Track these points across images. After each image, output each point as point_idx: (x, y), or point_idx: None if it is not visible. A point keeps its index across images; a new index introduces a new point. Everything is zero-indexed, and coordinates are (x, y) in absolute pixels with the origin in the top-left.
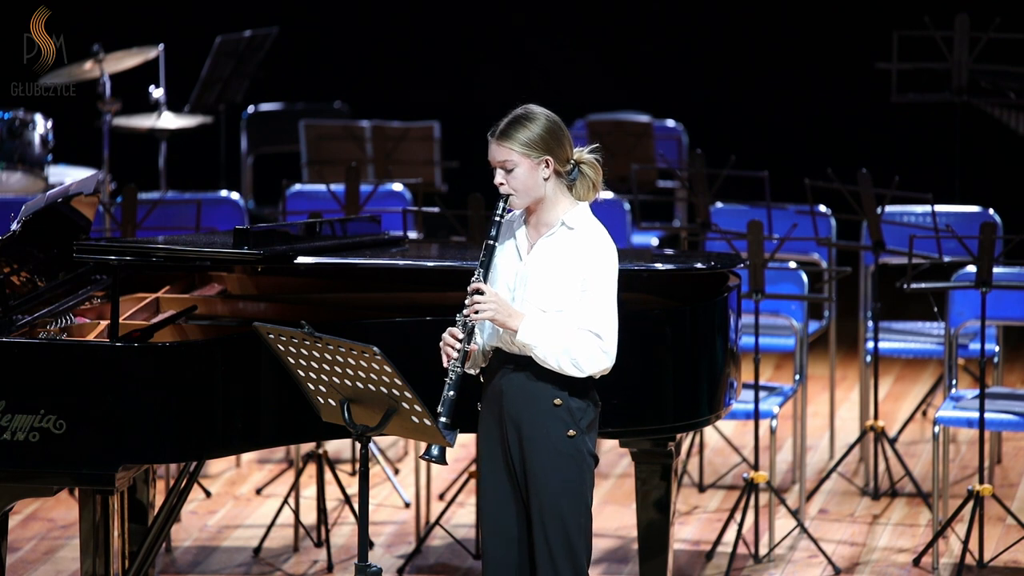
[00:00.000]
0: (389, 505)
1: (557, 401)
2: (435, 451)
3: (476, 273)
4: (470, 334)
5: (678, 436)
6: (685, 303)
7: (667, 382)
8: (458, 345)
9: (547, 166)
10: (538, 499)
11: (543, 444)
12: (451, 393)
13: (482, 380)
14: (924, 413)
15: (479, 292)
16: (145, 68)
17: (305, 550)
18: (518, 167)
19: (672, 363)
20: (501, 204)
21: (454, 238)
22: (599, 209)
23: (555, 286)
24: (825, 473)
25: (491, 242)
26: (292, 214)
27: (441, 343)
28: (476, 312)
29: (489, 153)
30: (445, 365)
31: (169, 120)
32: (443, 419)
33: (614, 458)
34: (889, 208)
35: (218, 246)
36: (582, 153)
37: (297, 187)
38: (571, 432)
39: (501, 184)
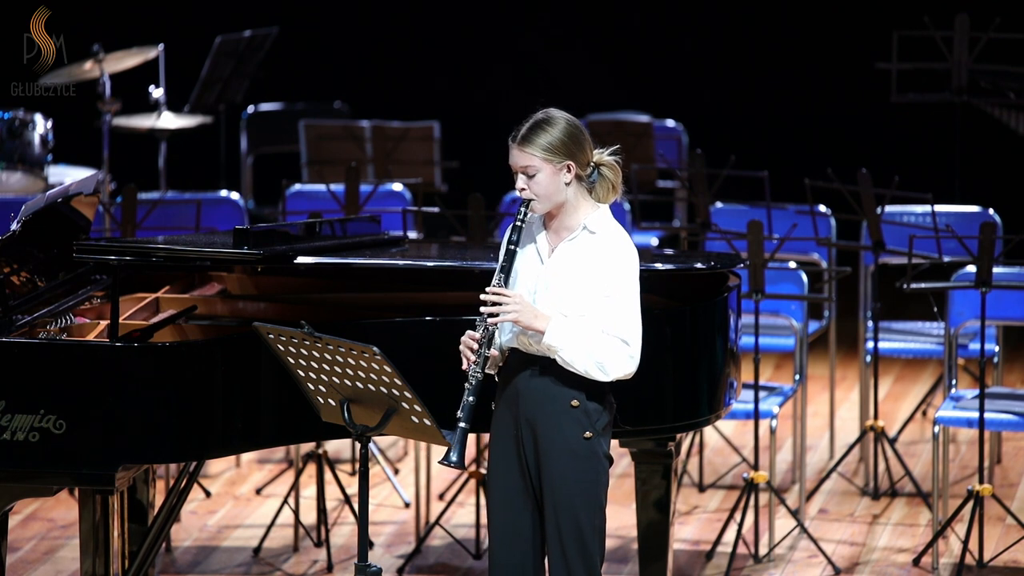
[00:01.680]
0: (389, 505)
1: (574, 403)
2: (453, 457)
3: (497, 278)
4: (490, 338)
5: (678, 436)
6: (685, 303)
7: (667, 382)
8: (476, 347)
9: (569, 171)
10: (553, 500)
11: (559, 445)
12: (471, 398)
13: (497, 380)
14: (924, 413)
15: (502, 295)
16: (145, 68)
17: (305, 550)
18: (540, 172)
19: (672, 363)
20: (522, 209)
21: (454, 238)
22: None
23: (577, 290)
24: (825, 473)
25: (512, 247)
26: (292, 214)
27: (460, 346)
28: (500, 314)
29: (510, 158)
30: (464, 368)
31: (169, 120)
32: (462, 424)
33: (614, 458)
34: (889, 208)
35: (218, 246)
36: (602, 155)
37: (297, 187)
38: (587, 434)
39: (523, 189)
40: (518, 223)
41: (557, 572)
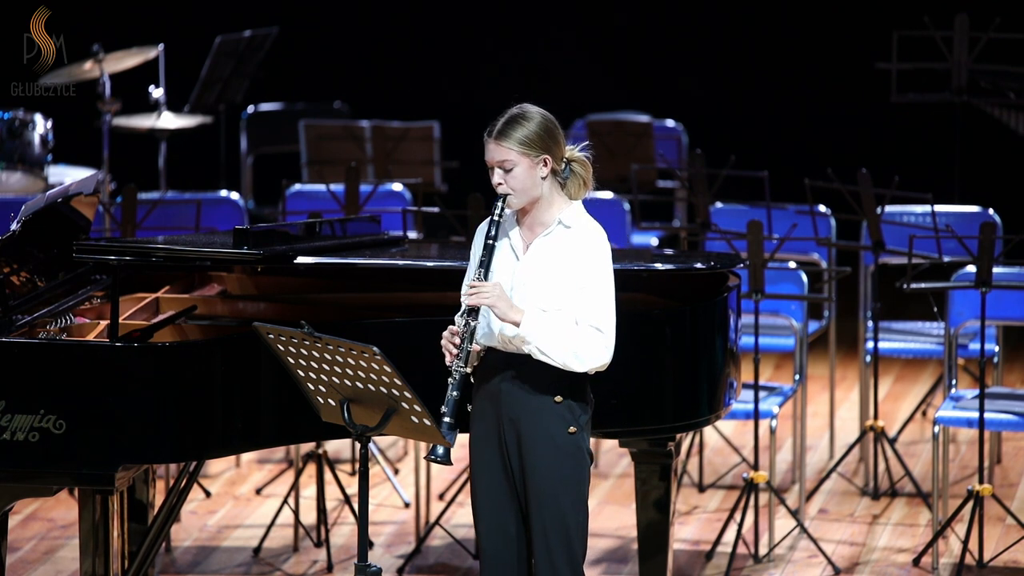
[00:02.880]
0: (389, 505)
1: (558, 399)
2: (439, 451)
3: (476, 273)
4: (472, 333)
5: (678, 436)
6: (685, 303)
7: (667, 382)
8: (458, 341)
9: (545, 165)
10: (538, 498)
11: (544, 442)
12: (455, 393)
13: (473, 381)
14: (924, 413)
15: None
16: (145, 68)
17: (305, 550)
18: (517, 166)
19: (672, 363)
20: (500, 204)
21: (454, 238)
22: (599, 210)
23: (554, 285)
24: (825, 473)
25: (491, 242)
26: (292, 214)
27: (442, 341)
28: (477, 296)
29: (487, 154)
30: (448, 363)
31: (169, 120)
32: (447, 419)
33: (614, 458)
34: (889, 208)
35: (218, 246)
36: (572, 151)
37: (297, 187)
38: (572, 429)
39: (499, 184)
40: (496, 218)
41: (542, 566)
